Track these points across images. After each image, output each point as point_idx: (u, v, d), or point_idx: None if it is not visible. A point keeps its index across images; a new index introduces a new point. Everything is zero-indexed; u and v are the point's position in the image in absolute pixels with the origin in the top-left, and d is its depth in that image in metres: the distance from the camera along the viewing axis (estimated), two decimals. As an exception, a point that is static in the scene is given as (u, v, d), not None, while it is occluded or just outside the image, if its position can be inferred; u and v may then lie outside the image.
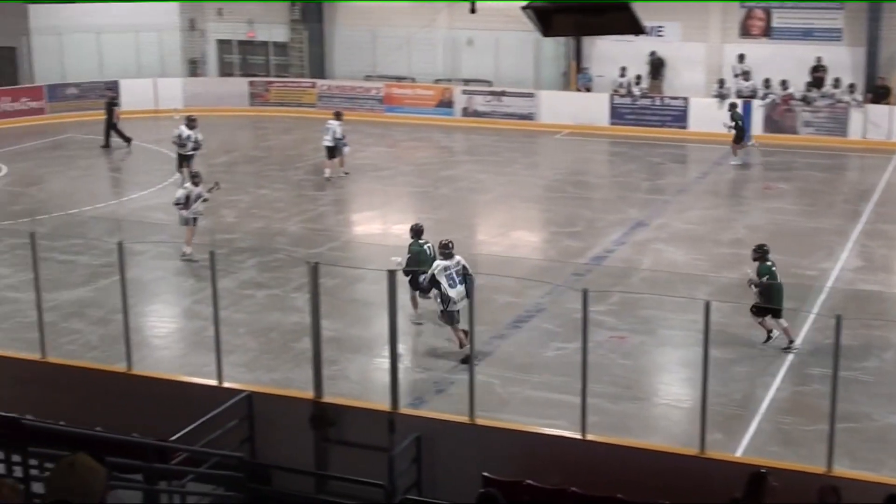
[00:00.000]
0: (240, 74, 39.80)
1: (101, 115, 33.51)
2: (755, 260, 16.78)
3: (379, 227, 24.28)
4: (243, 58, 40.79)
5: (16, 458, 11.31)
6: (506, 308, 18.01)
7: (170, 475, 11.71)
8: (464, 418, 12.34)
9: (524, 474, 11.08)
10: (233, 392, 13.12)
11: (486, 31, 35.42)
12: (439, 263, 16.00)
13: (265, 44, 40.04)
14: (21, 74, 38.15)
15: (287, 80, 39.08)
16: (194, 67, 40.64)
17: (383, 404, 12.77)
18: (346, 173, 28.20)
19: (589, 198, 26.25)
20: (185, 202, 20.73)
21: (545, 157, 32.33)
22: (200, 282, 18.94)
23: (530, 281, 18.61)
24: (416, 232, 17.41)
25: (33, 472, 10.76)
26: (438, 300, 16.01)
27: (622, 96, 34.74)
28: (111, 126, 32.09)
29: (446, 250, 16.09)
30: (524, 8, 8.49)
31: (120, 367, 14.08)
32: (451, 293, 15.79)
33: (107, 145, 31.96)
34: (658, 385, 16.05)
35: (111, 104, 32.38)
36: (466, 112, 36.34)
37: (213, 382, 13.42)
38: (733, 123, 29.59)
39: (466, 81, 36.95)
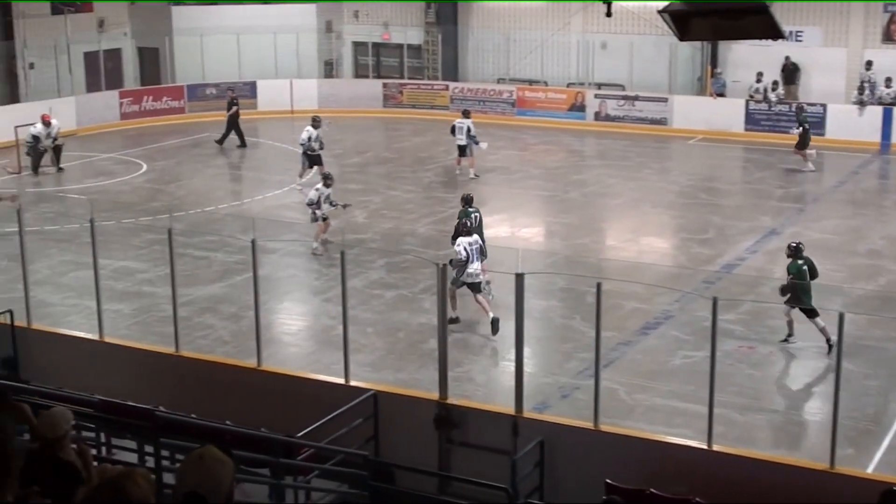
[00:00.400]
0: (374, 76, 40.22)
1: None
2: (788, 257, 16.94)
3: (507, 230, 24.26)
4: (378, 60, 41.21)
5: (148, 448, 11.63)
6: (633, 314, 17.87)
7: (295, 471, 11.91)
8: (588, 424, 12.31)
9: (647, 483, 11.00)
10: (359, 391, 13.29)
11: (620, 34, 35.20)
12: (462, 240, 17.57)
13: (400, 46, 40.38)
14: (163, 74, 39.17)
15: (420, 82, 39.34)
16: (330, 69, 41.21)
17: (508, 407, 12.81)
18: (476, 176, 28.30)
19: (721, 204, 25.86)
20: (318, 202, 21.11)
21: (677, 162, 31.96)
22: (330, 281, 19.19)
23: (659, 287, 18.43)
24: (467, 201, 18.51)
25: (164, 462, 11.04)
26: (455, 269, 17.18)
27: (758, 102, 34.14)
28: (232, 125, 32.63)
29: (465, 229, 17.86)
30: (661, 11, 8.42)
31: (250, 362, 14.38)
32: (469, 268, 17.32)
33: (243, 144, 32.55)
34: (787, 397, 15.75)
35: (232, 104, 32.93)
36: (598, 116, 36.11)
37: (340, 380, 13.61)
38: (800, 128, 29.17)
39: (599, 85, 36.73)
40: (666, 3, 8.45)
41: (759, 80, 34.41)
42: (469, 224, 18.21)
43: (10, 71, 35.55)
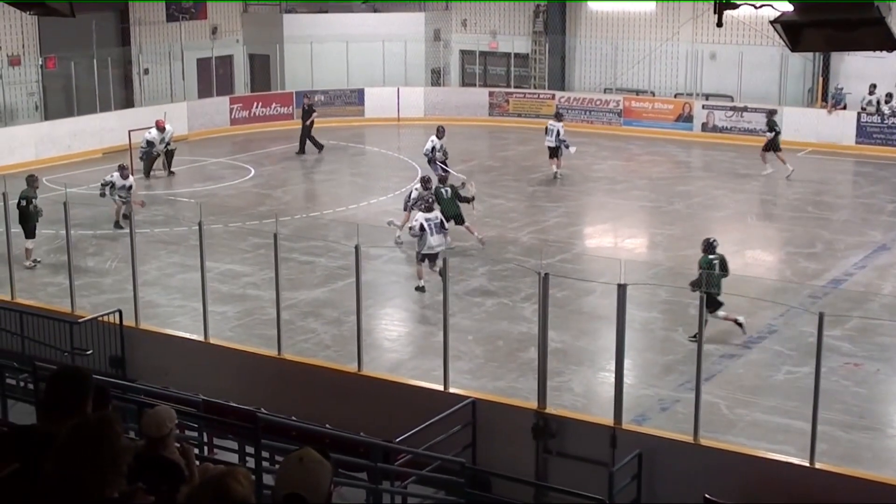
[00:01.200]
0: (480, 85, 40.32)
1: (343, 122, 34.57)
2: (702, 252, 17.56)
3: (610, 241, 24.16)
4: (485, 68, 41.32)
5: (249, 449, 11.81)
6: (737, 328, 17.64)
7: (393, 476, 11.99)
8: (688, 437, 12.20)
9: (747, 498, 10.89)
10: (458, 398, 13.33)
11: (729, 44, 34.82)
12: (420, 216, 19.75)
13: (507, 55, 40.44)
14: (273, 81, 39.77)
15: (526, 91, 39.35)
16: (437, 77, 41.42)
17: (606, 419, 12.75)
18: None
19: (829, 218, 25.41)
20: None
21: (785, 174, 31.46)
22: (431, 288, 19.29)
23: (764, 301, 18.18)
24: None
25: (265, 464, 11.21)
26: (418, 242, 19.53)
27: (870, 114, 33.47)
28: (307, 133, 32.95)
29: (428, 204, 20.04)
30: (773, 21, 8.33)
31: (351, 367, 14.52)
32: (431, 240, 19.34)
33: (301, 151, 32.84)
34: (893, 416, 15.43)
35: (309, 111, 33.23)
36: (706, 127, 35.72)
37: (439, 387, 13.67)
38: (772, 133, 29.54)
39: (707, 96, 36.35)
40: (778, 13, 8.36)
41: (871, 93, 33.72)
42: (431, 200, 20.32)
43: (126, 76, 36.41)
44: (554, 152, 28.88)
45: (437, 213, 20.00)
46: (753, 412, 14.81)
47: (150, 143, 29.53)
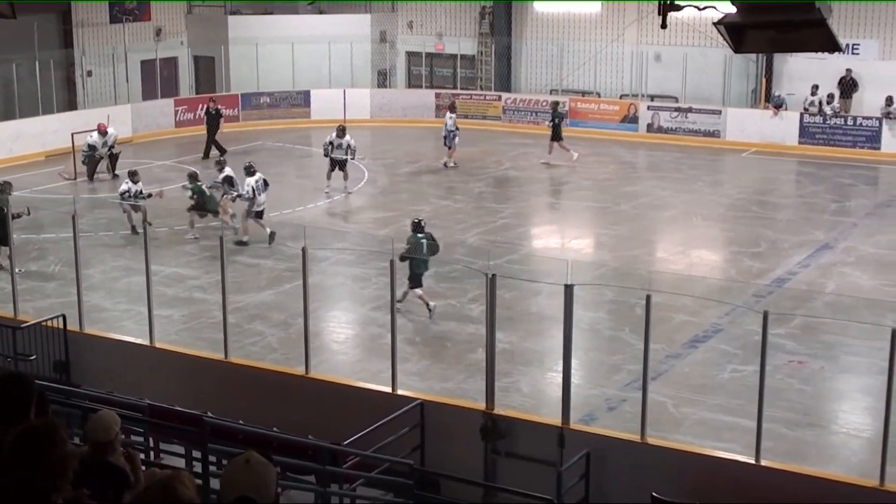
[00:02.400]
0: (427, 86, 40.32)
1: (289, 124, 34.42)
2: (412, 231, 18.81)
3: (557, 242, 24.25)
4: (431, 70, 41.33)
5: (196, 453, 11.72)
6: (683, 327, 17.79)
7: (341, 478, 11.96)
8: (635, 437, 12.26)
9: (694, 497, 10.95)
10: (406, 399, 13.32)
11: (674, 46, 35.08)
12: (249, 180, 22.74)
13: (453, 56, 40.49)
14: (218, 83, 39.52)
15: (473, 92, 39.39)
16: (383, 79, 41.38)
17: (554, 419, 12.78)
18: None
19: (773, 218, 25.66)
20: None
21: (730, 175, 31.76)
22: (379, 289, 19.26)
23: (709, 300, 18.33)
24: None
25: (212, 468, 11.13)
26: (247, 202, 22.67)
27: (813, 115, 33.85)
28: (213, 136, 32.74)
29: (251, 170, 23.07)
30: (716, 23, 8.39)
31: (298, 369, 14.45)
32: (257, 199, 22.58)
33: (206, 156, 32.52)
34: (838, 413, 15.59)
35: (217, 115, 32.94)
36: (651, 128, 35.97)
37: (388, 389, 13.64)
38: (552, 122, 31.60)
39: (652, 97, 36.61)
40: (722, 14, 8.42)
41: (814, 93, 34.11)
42: (254, 168, 23.33)
43: (69, 78, 36.02)
44: (446, 141, 30.70)
45: (260, 175, 22.96)
46: (700, 411, 14.92)
47: (91, 147, 29.25)
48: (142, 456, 9.98)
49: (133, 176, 23.76)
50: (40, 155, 31.78)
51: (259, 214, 22.81)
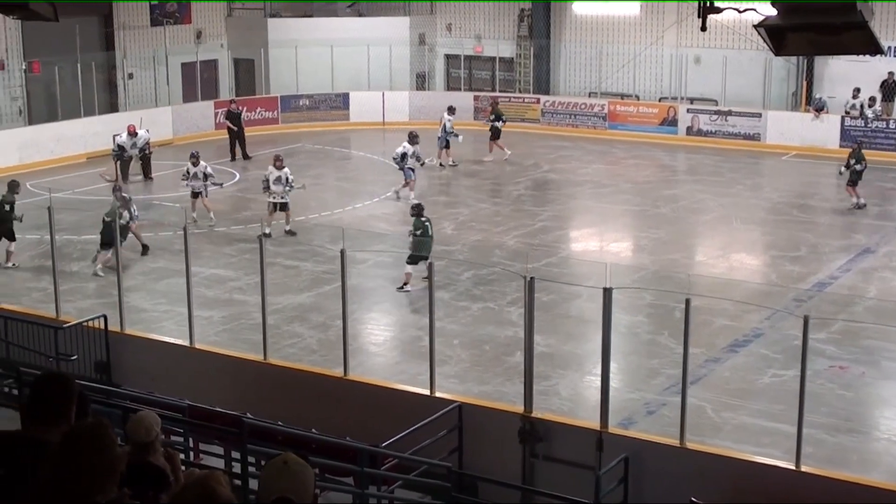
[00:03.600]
0: (465, 89, 40.32)
1: (328, 126, 34.57)
2: (412, 216, 20.29)
3: (596, 245, 24.18)
4: (469, 72, 41.34)
5: (235, 454, 11.77)
6: (722, 331, 17.69)
7: (379, 480, 11.98)
8: (674, 441, 12.20)
9: (733, 501, 10.88)
10: (444, 402, 13.32)
11: (714, 48, 34.91)
12: (272, 173, 23.90)
13: (492, 59, 40.46)
14: (258, 85, 39.72)
15: (511, 95, 39.35)
16: (422, 81, 41.43)
17: (593, 422, 12.74)
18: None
19: (814, 222, 25.48)
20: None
21: (769, 178, 31.54)
22: (417, 292, 19.28)
23: (749, 305, 18.21)
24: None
25: (251, 469, 11.17)
26: (270, 194, 23.86)
27: (854, 118, 33.57)
28: (242, 138, 33.05)
29: (278, 161, 24.17)
30: (757, 26, 8.33)
31: (337, 371, 14.48)
32: (275, 189, 23.76)
33: (246, 157, 32.89)
34: (879, 419, 15.45)
35: (239, 116, 33.23)
36: (690, 131, 35.80)
37: (426, 392, 13.65)
38: (498, 121, 32.56)
39: (692, 100, 36.43)
40: (762, 17, 8.37)
41: (855, 96, 33.83)
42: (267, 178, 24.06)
43: (110, 81, 36.31)
44: (445, 144, 30.97)
45: (287, 170, 24.10)
46: (739, 415, 14.83)
47: (120, 147, 29.43)
48: (181, 456, 10.03)
49: (193, 157, 25.29)
50: (82, 157, 32.06)
51: (283, 206, 23.80)
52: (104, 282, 20.04)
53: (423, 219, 20.29)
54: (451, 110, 31.63)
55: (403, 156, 26.86)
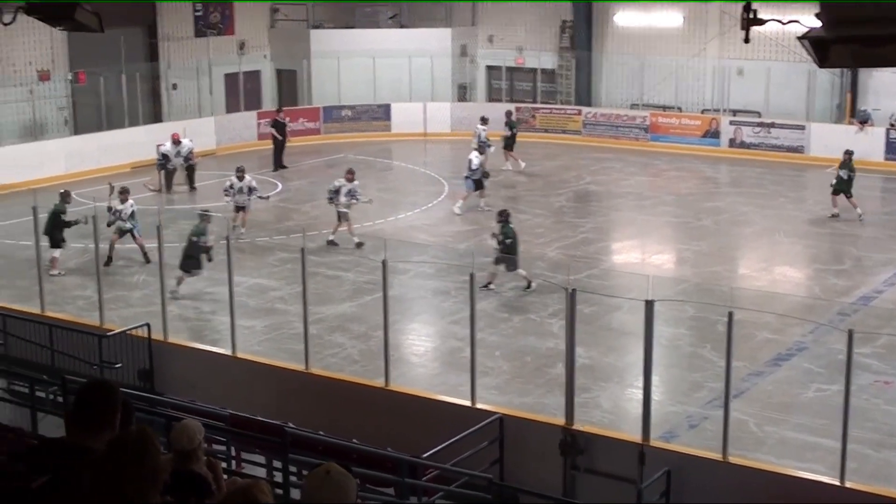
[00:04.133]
0: (507, 100, 40.31)
1: (370, 137, 34.67)
2: (499, 222, 20.86)
3: (638, 257, 24.10)
4: (511, 84, 41.34)
5: (276, 463, 11.81)
6: (766, 345, 17.57)
7: (420, 491, 11.98)
8: (716, 455, 12.13)
9: (776, 517, 10.80)
10: (485, 413, 13.31)
11: (757, 60, 34.72)
12: (344, 185, 23.99)
13: (533, 70, 40.45)
14: (300, 96, 39.92)
15: (553, 106, 39.32)
16: (463, 92, 41.48)
17: (634, 435, 12.69)
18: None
19: (858, 235, 25.26)
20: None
21: (813, 191, 31.26)
22: (459, 303, 19.28)
23: (792, 318, 18.08)
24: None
25: (292, 478, 11.21)
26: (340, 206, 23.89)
27: (899, 131, 33.27)
28: (282, 148, 33.27)
29: (351, 175, 24.25)
30: (800, 38, 8.29)
31: (378, 382, 14.51)
32: (342, 200, 23.82)
33: (283, 167, 33.10)
34: (925, 434, 15.27)
35: (284, 125, 33.47)
36: (733, 143, 35.62)
37: (467, 403, 13.65)
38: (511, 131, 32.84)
39: (734, 112, 36.24)
40: (806, 29, 8.33)
41: (901, 109, 33.52)
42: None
43: (155, 91, 36.63)
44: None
45: (357, 183, 24.26)
46: (782, 430, 14.72)
47: (164, 156, 29.66)
48: (223, 465, 10.08)
49: (239, 171, 25.24)
50: (126, 166, 32.30)
51: (342, 216, 23.91)
52: (148, 290, 20.18)
53: (511, 225, 20.89)
54: (484, 121, 31.57)
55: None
